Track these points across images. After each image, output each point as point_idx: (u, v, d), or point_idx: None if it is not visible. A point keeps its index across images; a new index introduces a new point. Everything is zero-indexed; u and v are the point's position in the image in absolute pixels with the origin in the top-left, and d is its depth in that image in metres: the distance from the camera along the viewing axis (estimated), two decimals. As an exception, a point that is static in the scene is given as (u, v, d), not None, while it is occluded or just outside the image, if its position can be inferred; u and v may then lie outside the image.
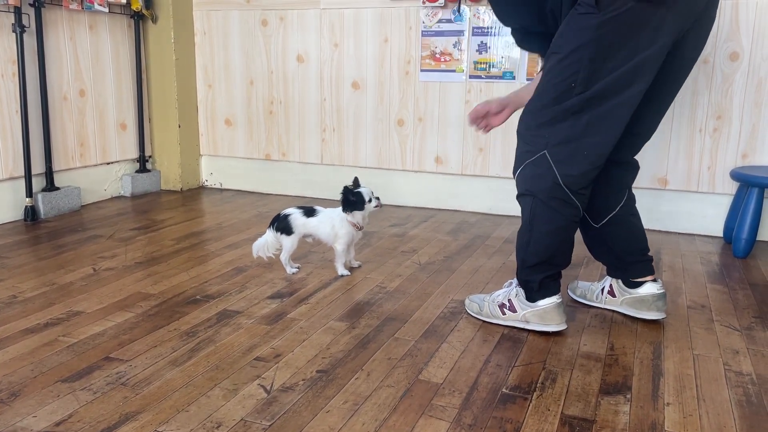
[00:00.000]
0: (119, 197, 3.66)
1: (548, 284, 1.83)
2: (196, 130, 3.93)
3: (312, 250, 2.66)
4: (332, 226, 2.31)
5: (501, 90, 3.24)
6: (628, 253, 1.96)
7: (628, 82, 1.60)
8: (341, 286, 2.25)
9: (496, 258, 2.61)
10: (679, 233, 3.04)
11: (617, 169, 1.86)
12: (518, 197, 1.82)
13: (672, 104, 1.84)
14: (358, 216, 2.30)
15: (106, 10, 3.39)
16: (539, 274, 1.82)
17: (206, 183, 4.03)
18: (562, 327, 1.85)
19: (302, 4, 3.55)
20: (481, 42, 3.23)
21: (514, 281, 1.92)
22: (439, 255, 2.64)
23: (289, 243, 2.33)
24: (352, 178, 2.38)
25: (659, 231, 3.07)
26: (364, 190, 2.30)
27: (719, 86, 2.89)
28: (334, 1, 3.48)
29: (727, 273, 2.47)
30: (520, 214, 1.86)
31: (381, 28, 3.42)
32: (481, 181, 3.39)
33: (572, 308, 2.07)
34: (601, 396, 1.53)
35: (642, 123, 1.80)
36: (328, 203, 3.60)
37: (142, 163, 3.78)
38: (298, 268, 2.41)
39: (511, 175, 1.85)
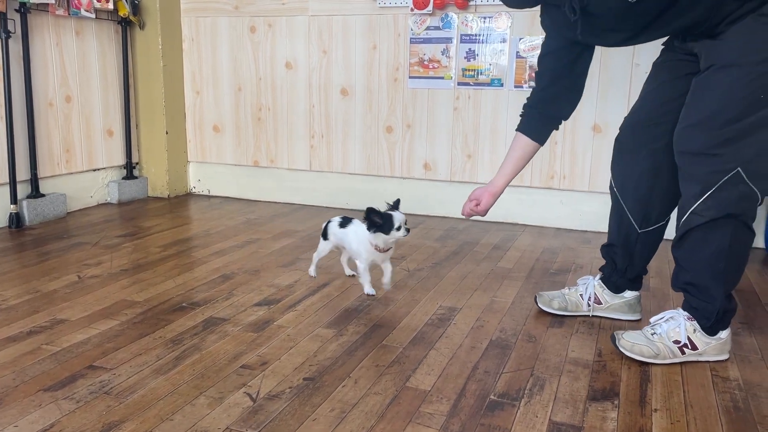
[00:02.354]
0: (106, 204, 3.63)
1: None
2: (184, 137, 3.91)
3: (300, 257, 2.64)
4: (357, 242, 2.14)
5: (489, 97, 3.25)
6: (644, 265, 1.98)
7: None
8: (329, 293, 2.23)
9: (485, 264, 2.60)
10: (666, 239, 3.04)
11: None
12: (708, 223, 1.64)
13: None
14: (380, 239, 2.06)
15: (93, 15, 3.37)
16: (734, 301, 1.74)
17: (194, 190, 4.00)
18: (729, 354, 1.78)
19: (291, 10, 3.55)
20: (469, 49, 3.24)
21: (678, 313, 1.77)
22: (427, 261, 2.63)
23: (321, 246, 2.30)
24: (395, 200, 2.15)
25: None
26: (396, 214, 2.05)
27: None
28: (322, 8, 3.48)
29: (713, 279, 2.48)
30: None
31: (369, 35, 3.42)
32: (469, 187, 3.35)
33: (560, 314, 2.07)
34: (589, 402, 1.52)
35: None
36: (314, 210, 3.60)
37: (129, 170, 3.75)
38: (313, 276, 2.39)
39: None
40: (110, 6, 3.44)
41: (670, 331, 1.74)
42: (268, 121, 3.73)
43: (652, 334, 1.75)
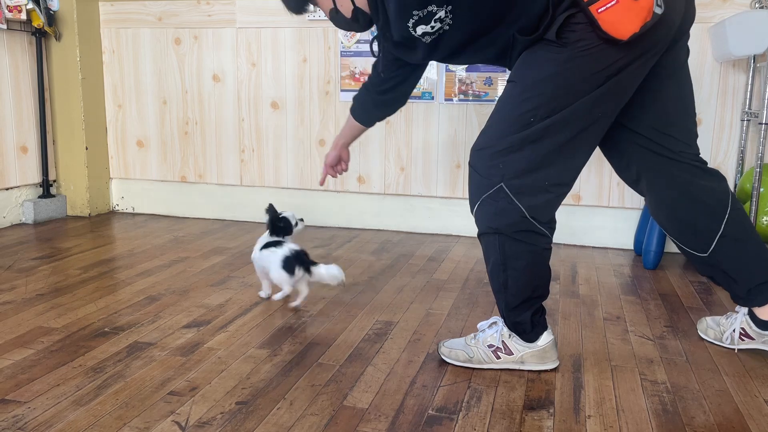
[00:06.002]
0: (20, 225, 3.42)
1: (538, 320, 1.73)
2: (106, 153, 3.75)
3: (231, 276, 2.56)
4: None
5: (420, 110, 3.27)
6: (758, 276, 1.78)
7: (592, 113, 1.56)
8: (262, 312, 2.17)
9: (420, 277, 2.60)
10: (593, 247, 3.15)
11: (695, 183, 1.74)
12: (480, 236, 1.67)
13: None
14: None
15: (5, 26, 3.18)
16: (527, 312, 1.71)
17: (117, 208, 3.83)
18: (557, 363, 1.76)
19: (217, 22, 3.47)
20: (400, 63, 3.25)
21: (500, 320, 1.78)
22: (363, 275, 2.61)
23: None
24: (267, 205, 2.31)
25: (575, 245, 3.18)
26: (287, 213, 2.26)
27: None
28: (250, 21, 3.42)
29: (638, 284, 2.57)
30: (484, 249, 1.70)
31: (299, 48, 3.38)
32: (403, 200, 3.40)
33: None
34: (525, 412, 1.53)
35: (670, 120, 1.72)
36: (246, 226, 3.51)
37: (46, 188, 3.55)
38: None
39: (432, 195, 1.79)
40: (23, 16, 3.26)
41: (488, 336, 1.75)
42: (196, 136, 3.62)
43: (471, 339, 1.77)
